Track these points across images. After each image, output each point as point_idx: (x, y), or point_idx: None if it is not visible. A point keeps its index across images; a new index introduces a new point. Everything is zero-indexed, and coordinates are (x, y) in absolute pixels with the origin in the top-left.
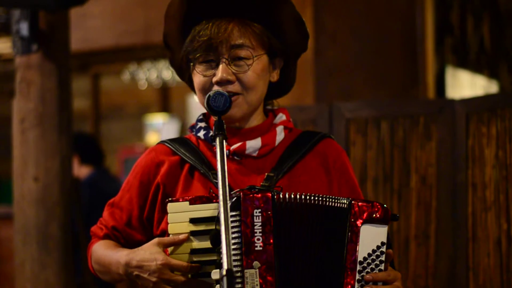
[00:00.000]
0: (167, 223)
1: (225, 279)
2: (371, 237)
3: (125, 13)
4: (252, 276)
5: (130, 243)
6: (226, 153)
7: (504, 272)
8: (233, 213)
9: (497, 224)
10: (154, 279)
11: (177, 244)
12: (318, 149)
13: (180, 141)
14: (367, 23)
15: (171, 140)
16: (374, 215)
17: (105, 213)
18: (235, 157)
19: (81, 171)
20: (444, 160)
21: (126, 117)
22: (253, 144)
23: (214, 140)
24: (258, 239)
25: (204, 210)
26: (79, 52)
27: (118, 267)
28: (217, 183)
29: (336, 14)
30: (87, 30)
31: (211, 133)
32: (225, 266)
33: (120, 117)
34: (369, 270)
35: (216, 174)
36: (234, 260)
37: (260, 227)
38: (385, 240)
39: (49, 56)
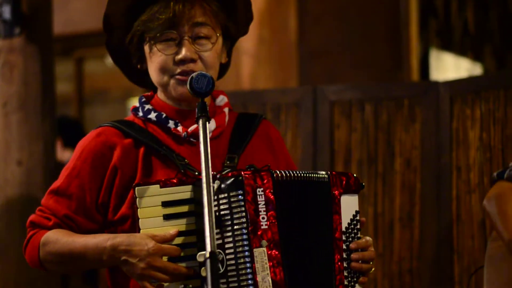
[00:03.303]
0: (131, 209)
1: (208, 261)
2: (348, 207)
3: None
4: (261, 254)
5: (82, 232)
6: (184, 135)
7: None
8: (235, 193)
9: (481, 207)
10: (143, 265)
11: (168, 241)
12: (260, 131)
13: (126, 123)
14: (351, 5)
15: (118, 122)
16: (349, 185)
17: (50, 202)
18: (191, 139)
19: (64, 155)
20: (428, 143)
21: (110, 101)
22: (209, 126)
23: (197, 122)
24: (263, 218)
25: (177, 193)
26: (62, 35)
27: (101, 252)
28: (182, 164)
29: None
30: (70, 13)
31: (164, 115)
32: (208, 248)
33: (104, 101)
34: (350, 239)
35: (179, 155)
36: (242, 240)
37: (264, 206)
38: (358, 209)
39: (32, 39)
